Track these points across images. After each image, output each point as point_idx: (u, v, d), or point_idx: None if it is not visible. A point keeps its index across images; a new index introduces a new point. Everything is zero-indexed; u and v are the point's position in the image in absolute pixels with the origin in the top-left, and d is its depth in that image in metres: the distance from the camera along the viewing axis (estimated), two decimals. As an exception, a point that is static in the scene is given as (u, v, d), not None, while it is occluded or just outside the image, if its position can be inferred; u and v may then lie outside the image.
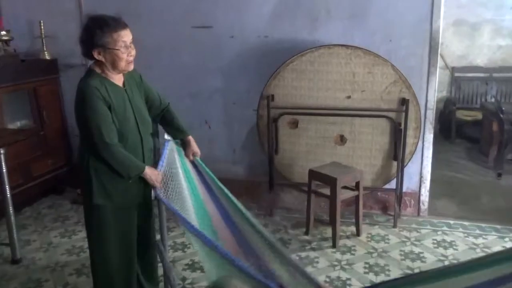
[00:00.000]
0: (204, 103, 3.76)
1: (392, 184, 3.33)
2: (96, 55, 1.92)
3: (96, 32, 1.87)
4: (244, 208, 1.95)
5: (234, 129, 3.76)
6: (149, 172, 1.99)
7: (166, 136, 2.24)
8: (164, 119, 2.24)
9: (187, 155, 2.25)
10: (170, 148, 2.17)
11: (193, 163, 2.24)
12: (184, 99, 3.70)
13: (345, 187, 3.07)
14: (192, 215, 1.91)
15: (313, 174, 3.07)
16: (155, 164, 2.08)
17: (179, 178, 2.05)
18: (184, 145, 2.27)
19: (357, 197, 3.07)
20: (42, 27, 3.81)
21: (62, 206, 3.70)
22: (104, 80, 1.94)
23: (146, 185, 2.05)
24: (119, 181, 1.97)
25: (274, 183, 3.47)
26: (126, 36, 1.91)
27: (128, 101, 1.99)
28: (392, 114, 3.20)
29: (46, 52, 3.92)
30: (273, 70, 3.40)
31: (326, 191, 3.04)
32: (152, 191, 2.04)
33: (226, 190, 2.04)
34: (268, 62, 3.51)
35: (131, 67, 1.97)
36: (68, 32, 3.85)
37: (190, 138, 2.28)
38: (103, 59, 1.91)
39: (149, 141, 2.10)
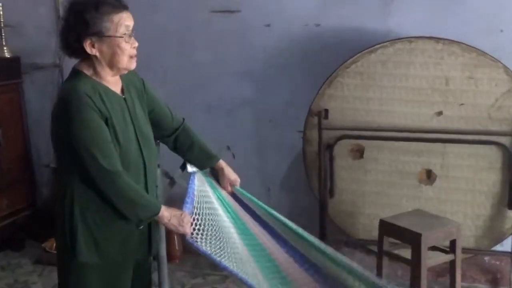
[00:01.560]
0: (225, 121, 3.88)
1: (507, 246, 3.33)
2: (88, 48, 1.98)
3: (89, 14, 1.95)
4: (316, 240, 2.14)
5: (269, 159, 3.86)
6: (166, 215, 2.07)
7: (190, 168, 2.33)
8: (181, 143, 2.33)
9: (224, 187, 2.36)
10: (198, 182, 2.26)
11: (234, 195, 2.36)
12: (196, 115, 3.77)
13: (434, 248, 3.05)
14: (247, 263, 2.04)
15: (386, 228, 3.07)
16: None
17: (219, 219, 2.14)
18: (216, 173, 2.39)
19: (452, 263, 3.05)
20: (1, 12, 4.01)
21: (20, 267, 3.77)
22: (97, 85, 2.01)
23: (143, 234, 2.14)
24: (117, 228, 2.05)
25: (327, 239, 3.51)
26: (128, 19, 2.01)
27: (128, 114, 2.08)
28: (505, 140, 3.22)
29: (5, 48, 4.07)
30: (327, 73, 3.46)
31: (406, 253, 3.02)
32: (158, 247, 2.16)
33: (285, 220, 2.21)
34: (320, 62, 3.60)
35: (134, 64, 2.06)
36: (37, 20, 4.05)
37: (222, 163, 2.39)
38: (97, 54, 1.98)
39: (154, 171, 2.20)
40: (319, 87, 3.49)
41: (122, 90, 2.10)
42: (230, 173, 2.37)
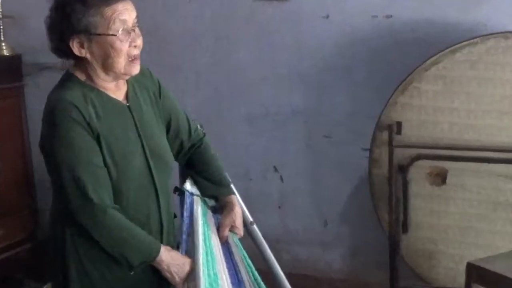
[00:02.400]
0: (272, 135, 3.91)
1: None
2: (76, 49, 2.02)
3: (73, 7, 1.99)
4: None
5: (326, 184, 3.86)
6: (168, 259, 2.07)
7: (189, 186, 2.33)
8: (193, 163, 2.36)
9: (221, 228, 2.30)
10: (194, 207, 2.26)
11: (226, 242, 2.30)
12: (236, 128, 3.87)
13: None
14: None
15: (476, 273, 3.00)
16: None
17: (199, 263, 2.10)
18: (219, 208, 2.39)
19: None
20: (-1, 3, 4.02)
21: (19, 313, 3.77)
22: (90, 92, 2.04)
23: (154, 273, 2.13)
24: (114, 268, 2.08)
25: (398, 286, 3.51)
26: (126, 12, 2.03)
27: (133, 126, 2.11)
28: None
29: (3, 44, 4.10)
30: (401, 77, 3.46)
31: (502, 306, 2.90)
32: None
33: None
34: (391, 63, 3.61)
35: (136, 68, 2.09)
36: (44, 10, 3.40)
37: (234, 199, 2.38)
38: (87, 55, 2.02)
39: (168, 196, 2.21)
40: (389, 95, 3.49)
41: (127, 96, 2.14)
42: (238, 217, 2.34)
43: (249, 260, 2.23)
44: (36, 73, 4.21)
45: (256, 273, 2.19)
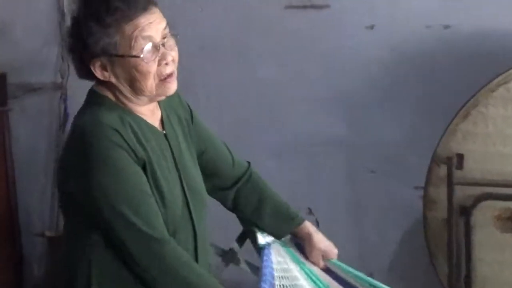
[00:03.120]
0: (305, 170, 3.94)
1: None
2: (98, 72, 2.08)
3: (90, 28, 2.04)
4: None
5: (371, 229, 3.89)
6: None
7: (262, 238, 2.38)
8: (245, 200, 2.42)
9: (313, 261, 2.42)
10: (276, 256, 2.30)
11: (328, 270, 2.41)
12: (261, 160, 3.73)
13: None
14: None
15: None
16: None
17: None
18: (300, 241, 2.46)
19: None
20: (-20, 10, 4.09)
21: None
22: (127, 115, 2.10)
23: None
24: None
25: None
26: (150, 26, 2.07)
27: (171, 157, 2.18)
28: None
29: (-15, 62, 4.15)
30: (462, 99, 3.47)
31: None
32: None
33: None
34: (450, 82, 3.64)
35: (171, 87, 2.14)
36: (33, 19, 4.17)
37: (309, 226, 2.45)
38: (112, 79, 2.09)
39: (205, 239, 2.27)
40: (448, 121, 3.49)
41: (162, 123, 2.20)
42: (321, 241, 2.43)
43: (359, 273, 2.33)
44: (23, 96, 4.26)
45: (373, 281, 2.30)
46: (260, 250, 2.35)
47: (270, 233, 2.41)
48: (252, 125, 4.03)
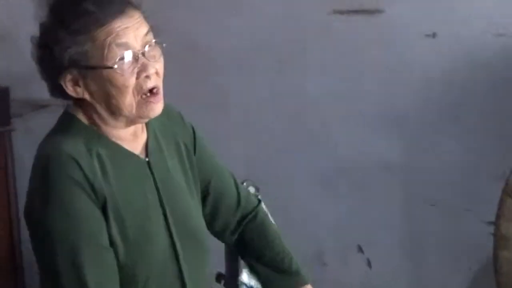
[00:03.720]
0: (354, 201, 3.81)
1: None
2: (69, 88, 2.00)
3: (57, 35, 1.97)
4: None
5: (432, 270, 3.71)
6: None
7: (246, 277, 2.35)
8: (248, 242, 2.37)
9: None
10: None
11: None
12: (303, 189, 3.77)
13: None
14: None
15: None
16: None
17: None
18: None
19: None
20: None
21: None
22: (95, 140, 2.05)
23: None
24: None
25: None
26: (126, 32, 1.99)
27: (155, 190, 2.11)
28: None
29: (-15, 75, 4.06)
30: None
31: None
32: None
33: None
34: None
35: (156, 108, 2.06)
36: (36, 27, 4.05)
37: None
38: (85, 95, 2.02)
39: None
40: None
41: (147, 148, 2.12)
42: None
43: None
44: (28, 114, 4.13)
45: None
46: (234, 285, 2.37)
47: (259, 280, 2.37)
48: (292, 146, 3.86)
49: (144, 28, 1.99)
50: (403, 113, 3.72)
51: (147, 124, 2.13)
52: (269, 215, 2.43)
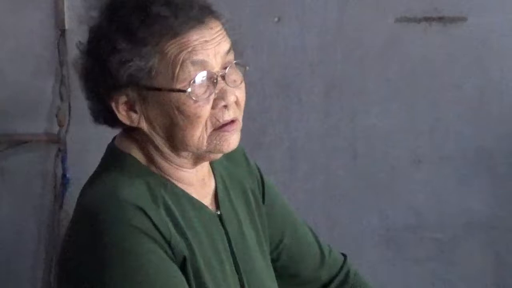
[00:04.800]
0: (434, 265, 3.60)
1: None
2: (121, 114, 1.81)
3: (114, 43, 1.78)
4: None
5: None
6: None
7: None
8: None
9: None
10: None
11: None
12: (369, 252, 3.58)
13: None
14: None
15: None
16: None
17: None
18: None
19: None
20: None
21: None
22: (160, 186, 1.86)
23: None
24: None
25: None
26: (208, 46, 1.79)
27: (228, 250, 1.93)
28: None
29: None
30: None
31: None
32: None
33: None
34: None
35: (233, 141, 1.84)
36: (19, 42, 3.78)
37: None
38: (142, 123, 1.83)
39: None
40: None
41: (216, 198, 1.91)
42: None
43: None
44: (5, 152, 3.76)
45: None
46: None
47: None
48: (353, 198, 3.56)
49: (226, 44, 1.79)
50: (494, 153, 3.50)
51: (212, 167, 1.94)
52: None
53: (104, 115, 1.84)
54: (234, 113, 1.79)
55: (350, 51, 3.53)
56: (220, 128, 1.80)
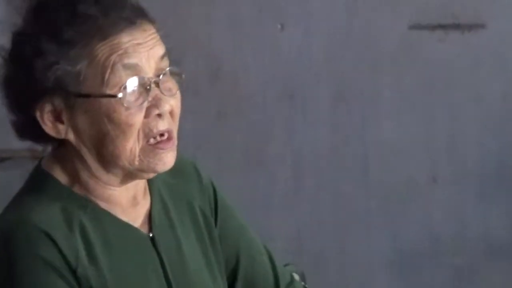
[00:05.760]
0: None
1: None
2: (47, 124, 1.66)
3: (39, 44, 1.66)
4: None
5: None
6: None
7: None
8: None
9: None
10: None
11: None
12: (377, 274, 3.54)
13: None
14: None
15: None
16: None
17: None
18: None
19: None
20: None
21: None
22: (79, 208, 1.73)
23: None
24: None
25: None
26: (140, 49, 1.70)
27: (162, 277, 1.77)
28: None
29: None
30: None
31: None
32: None
33: None
34: None
35: (168, 159, 1.72)
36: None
37: None
38: (69, 135, 1.69)
39: None
40: None
41: (150, 218, 1.77)
42: None
43: None
44: None
45: None
46: None
47: None
48: (363, 219, 3.46)
49: (160, 49, 1.65)
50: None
51: (150, 185, 1.79)
52: None
53: (29, 128, 1.67)
54: (168, 124, 1.67)
55: (360, 59, 3.48)
56: (154, 144, 1.68)
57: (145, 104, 1.63)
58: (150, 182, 1.80)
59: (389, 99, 3.49)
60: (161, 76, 1.64)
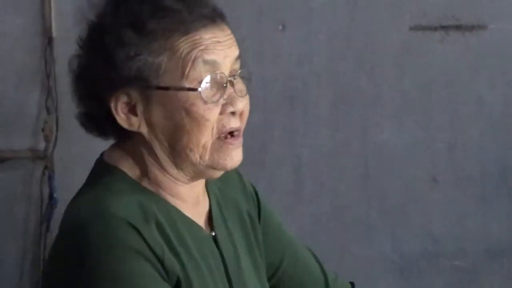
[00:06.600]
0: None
1: None
2: (120, 116, 1.72)
3: (121, 35, 1.72)
4: None
5: None
6: None
7: None
8: None
9: None
10: None
11: None
12: (382, 279, 3.51)
13: None
14: None
15: None
16: None
17: None
18: None
19: None
20: None
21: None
22: (151, 202, 1.77)
23: None
24: None
25: None
26: (220, 47, 1.75)
27: (223, 274, 1.85)
28: None
29: None
30: None
31: None
32: None
33: None
34: None
35: (236, 156, 1.76)
36: (4, 49, 3.64)
37: None
38: (142, 128, 1.75)
39: None
40: None
41: (210, 218, 1.83)
42: None
43: None
44: None
45: None
46: None
47: None
48: (364, 222, 3.43)
49: (236, 49, 1.73)
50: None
51: (207, 187, 1.86)
52: None
53: (97, 120, 1.74)
54: (238, 121, 1.72)
55: (361, 61, 3.43)
56: (224, 138, 1.72)
57: (221, 101, 1.68)
58: (207, 184, 1.85)
59: (390, 100, 3.46)
60: (235, 77, 1.71)
